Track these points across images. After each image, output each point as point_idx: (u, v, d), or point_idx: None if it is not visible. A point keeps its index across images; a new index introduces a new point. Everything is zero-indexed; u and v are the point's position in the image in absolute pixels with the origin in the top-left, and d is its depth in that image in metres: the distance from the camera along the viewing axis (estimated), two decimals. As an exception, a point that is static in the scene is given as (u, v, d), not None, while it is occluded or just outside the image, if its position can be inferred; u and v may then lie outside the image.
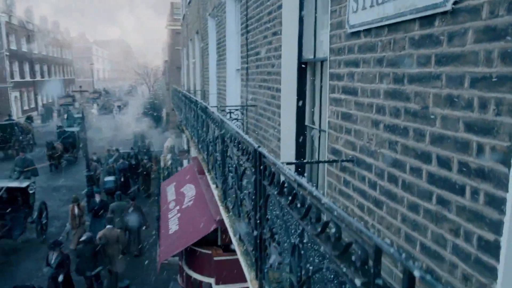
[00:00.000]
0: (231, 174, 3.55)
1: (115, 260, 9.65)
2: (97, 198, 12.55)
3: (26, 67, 46.72)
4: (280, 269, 2.19)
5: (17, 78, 43.76)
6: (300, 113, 4.04)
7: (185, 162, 14.28)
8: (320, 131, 3.76)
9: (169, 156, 19.23)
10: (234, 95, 7.09)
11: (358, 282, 1.16)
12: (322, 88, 3.75)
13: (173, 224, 6.42)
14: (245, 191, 2.91)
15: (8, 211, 12.54)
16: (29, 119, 32.88)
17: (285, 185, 1.87)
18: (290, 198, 1.79)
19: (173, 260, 11.62)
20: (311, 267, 1.65)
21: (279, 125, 4.13)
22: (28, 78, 46.90)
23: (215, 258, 5.49)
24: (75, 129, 24.57)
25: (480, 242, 1.49)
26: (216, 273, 5.54)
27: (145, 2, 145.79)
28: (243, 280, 5.53)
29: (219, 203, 4.17)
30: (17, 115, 40.22)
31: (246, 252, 3.08)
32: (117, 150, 19.40)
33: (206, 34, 9.84)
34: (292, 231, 1.91)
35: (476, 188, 1.51)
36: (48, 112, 42.75)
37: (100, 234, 9.68)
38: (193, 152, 12.37)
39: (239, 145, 2.92)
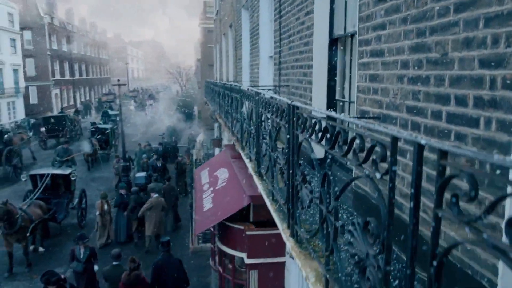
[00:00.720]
0: (265, 141, 3.80)
1: (160, 225, 11.76)
2: (122, 192, 12.57)
3: (66, 66, 48.79)
4: (310, 207, 2.41)
5: (57, 77, 45.79)
6: (331, 88, 4.25)
7: (217, 150, 14.65)
8: (350, 103, 3.95)
9: (199, 146, 19.88)
10: (267, 81, 7.35)
11: (378, 175, 1.38)
12: (352, 62, 3.94)
13: (207, 203, 6.74)
14: (278, 150, 3.14)
15: (52, 196, 13.41)
16: (77, 112, 36.09)
17: (317, 125, 2.10)
18: (320, 134, 2.02)
19: (205, 247, 12.10)
20: (337, 190, 1.87)
21: (311, 100, 4.34)
22: (67, 77, 48.96)
23: (247, 233, 5.75)
24: (108, 126, 25.32)
25: (493, 165, 1.67)
26: (248, 248, 5.80)
27: (177, 3, 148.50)
28: (274, 254, 5.80)
29: (253, 174, 4.42)
30: (57, 111, 42.03)
31: (279, 209, 3.32)
32: (149, 144, 20.24)
33: (240, 26, 10.14)
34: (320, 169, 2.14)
35: (489, 117, 1.68)
36: (86, 108, 44.50)
37: (148, 202, 11.60)
38: (225, 140, 12.74)
39: (274, 108, 3.16)
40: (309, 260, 2.44)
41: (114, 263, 8.01)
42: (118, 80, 16.28)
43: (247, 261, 5.82)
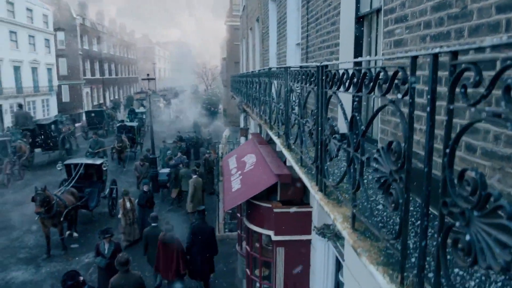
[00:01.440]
0: (293, 112, 4.02)
1: (200, 203, 12.77)
2: (145, 189, 12.22)
3: (96, 66, 50.28)
4: (338, 156, 2.60)
5: (88, 76, 47.28)
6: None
7: (243, 140, 14.94)
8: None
9: (225, 141, 20.30)
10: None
11: (399, 95, 1.58)
12: (377, 38, 4.10)
13: (235, 184, 6.98)
14: (308, 113, 3.35)
15: (85, 185, 14.12)
16: (114, 108, 39.83)
17: (344, 75, 2.30)
18: (348, 82, 2.23)
19: (231, 235, 12.41)
20: (363, 127, 2.06)
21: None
22: (97, 76, 50.44)
23: (275, 210, 5.96)
24: (135, 124, 25.50)
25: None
26: (275, 225, 6.00)
27: (203, 4, 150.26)
28: (300, 232, 5.98)
29: (282, 148, 4.63)
30: (87, 109, 43.41)
31: (307, 172, 3.53)
32: (174, 142, 20.58)
33: (267, 17, 10.38)
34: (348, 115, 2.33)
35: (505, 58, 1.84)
36: (116, 106, 45.83)
37: (190, 181, 12.86)
38: (252, 129, 13.01)
39: (303, 76, 3.38)
40: (336, 207, 2.64)
41: (153, 224, 9.43)
42: (148, 74, 16.75)
43: (274, 238, 6.02)
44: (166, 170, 15.91)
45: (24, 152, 19.22)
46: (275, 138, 5.18)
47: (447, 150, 1.24)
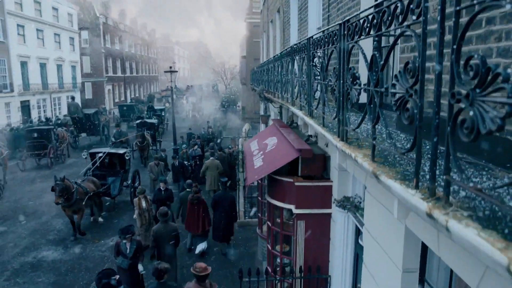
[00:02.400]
0: (316, 78, 4.25)
1: (215, 182, 13.68)
2: (162, 187, 11.22)
3: (118, 64, 51.33)
4: (359, 101, 2.83)
5: (110, 73, 48.31)
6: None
7: (263, 127, 15.18)
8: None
9: (245, 135, 20.55)
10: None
11: (413, 17, 1.81)
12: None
13: (257, 162, 7.23)
14: (330, 74, 3.58)
15: (108, 173, 14.60)
16: (143, 103, 41.35)
17: (365, 22, 2.53)
18: (368, 26, 2.46)
19: (251, 221, 12.67)
20: (381, 63, 2.29)
21: (358, 56, 4.74)
22: (119, 74, 51.48)
23: (296, 184, 6.18)
24: (154, 120, 25.51)
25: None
26: (297, 199, 6.22)
27: (223, 5, 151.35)
28: (320, 206, 6.19)
29: (305, 117, 4.86)
30: (109, 106, 44.43)
31: (329, 130, 3.76)
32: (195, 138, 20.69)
33: (288, 7, 10.62)
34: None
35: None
36: (151, 100, 46.97)
37: (204, 164, 13.79)
38: (273, 116, 13.24)
39: (325, 39, 3.61)
40: (357, 150, 2.86)
41: (187, 189, 10.83)
42: (170, 67, 17.15)
43: (295, 211, 6.24)
44: (184, 163, 15.86)
45: (65, 139, 22.19)
46: (297, 111, 5.41)
47: (454, 47, 1.47)
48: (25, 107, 31.59)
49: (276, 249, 7.05)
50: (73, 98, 35.52)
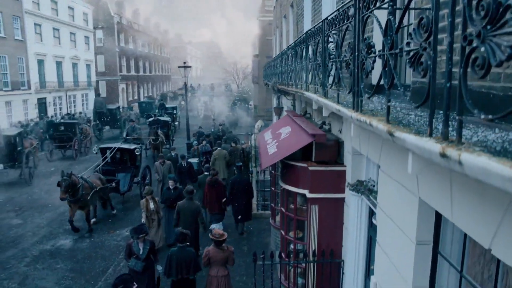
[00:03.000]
0: (331, 57, 4.34)
1: (225, 171, 14.02)
2: (171, 185, 10.41)
3: (132, 63, 51.92)
4: (374, 68, 2.92)
5: (124, 72, 48.88)
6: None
7: (275, 119, 15.29)
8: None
9: (257, 131, 20.71)
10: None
11: None
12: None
13: (271, 149, 7.34)
14: (344, 50, 3.67)
15: (118, 169, 14.46)
16: (162, 99, 42.99)
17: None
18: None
19: (264, 214, 12.79)
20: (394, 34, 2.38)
21: (372, 31, 4.81)
22: (132, 73, 52.06)
23: (310, 168, 6.26)
24: (167, 118, 25.01)
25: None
26: (311, 183, 6.31)
27: (235, 6, 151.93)
28: (334, 190, 6.27)
29: (320, 99, 4.95)
30: (122, 104, 44.97)
31: (344, 104, 3.85)
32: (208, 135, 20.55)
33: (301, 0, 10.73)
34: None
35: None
36: (163, 99, 47.60)
37: (213, 154, 14.16)
38: (285, 108, 13.34)
39: (340, 16, 3.70)
40: (371, 117, 2.95)
41: (205, 173, 11.59)
42: (185, 62, 17.33)
43: (309, 195, 6.32)
44: (195, 160, 15.34)
45: (88, 133, 23.71)
46: (312, 95, 5.50)
47: (467, -9, 1.56)
48: (42, 104, 32.20)
49: (289, 235, 7.15)
50: (98, 94, 39.30)
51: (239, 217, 11.14)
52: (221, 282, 6.87)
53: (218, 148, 14.38)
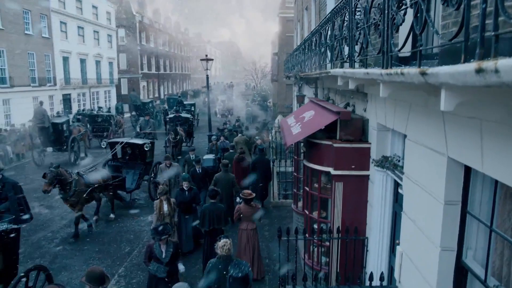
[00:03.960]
0: (358, 26, 4.43)
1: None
2: (185, 186, 9.24)
3: (152, 61, 52.68)
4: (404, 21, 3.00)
5: (145, 70, 49.66)
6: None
7: (297, 107, 15.38)
8: None
9: (277, 125, 20.79)
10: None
11: None
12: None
13: (295, 130, 7.44)
14: (372, 14, 3.75)
15: (126, 165, 13.54)
16: (184, 96, 44.12)
17: None
18: None
19: (284, 202, 12.89)
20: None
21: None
22: (153, 71, 52.82)
23: (335, 145, 6.33)
24: (188, 115, 24.24)
25: None
26: (335, 160, 6.37)
27: (254, 5, 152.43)
28: (358, 168, 6.33)
29: (347, 70, 5.01)
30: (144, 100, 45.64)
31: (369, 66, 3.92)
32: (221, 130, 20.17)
33: (325, -13, 10.79)
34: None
35: None
36: (196, 94, 48.28)
37: (234, 140, 14.61)
38: (307, 96, 13.41)
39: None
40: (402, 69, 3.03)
41: (231, 151, 13.08)
42: (206, 55, 17.55)
43: (334, 172, 6.39)
44: (211, 156, 14.18)
45: (122, 124, 25.66)
46: (338, 70, 5.57)
47: None
48: (66, 100, 33.04)
49: (313, 214, 7.23)
50: (133, 89, 43.41)
51: (257, 196, 11.56)
52: (250, 235, 7.91)
53: (239, 135, 15.17)
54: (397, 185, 5.81)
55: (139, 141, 14.06)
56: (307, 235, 7.34)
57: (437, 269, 3.81)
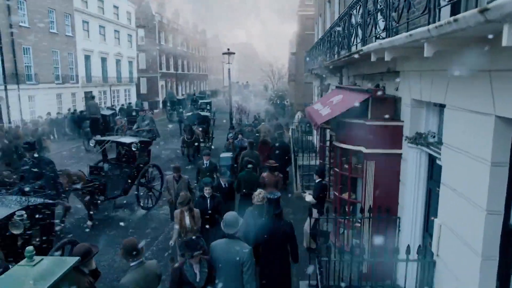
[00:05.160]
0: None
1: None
2: (207, 193, 7.68)
3: (171, 61, 53.19)
4: None
5: (163, 70, 50.17)
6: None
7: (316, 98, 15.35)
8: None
9: (297, 121, 20.86)
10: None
11: None
12: None
13: (324, 111, 7.41)
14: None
15: (113, 167, 11.73)
16: (202, 93, 45.62)
17: None
18: None
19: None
20: None
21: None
22: (171, 70, 53.33)
23: (368, 123, 6.28)
24: (208, 113, 23.23)
25: None
26: (367, 139, 6.30)
27: (271, 8, 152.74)
28: (391, 146, 6.26)
29: (384, 40, 4.97)
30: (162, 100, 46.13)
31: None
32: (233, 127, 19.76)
33: (350, -24, 10.74)
34: None
35: None
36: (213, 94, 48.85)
37: (258, 128, 15.29)
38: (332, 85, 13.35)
39: None
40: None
41: (257, 134, 14.47)
42: (228, 49, 17.62)
43: (366, 151, 6.33)
44: (229, 154, 13.20)
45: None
46: (373, 44, 5.53)
47: None
48: (88, 98, 33.60)
49: (342, 196, 7.17)
50: (171, 87, 49.47)
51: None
52: None
53: (263, 123, 15.72)
54: (431, 161, 5.74)
55: (126, 140, 11.76)
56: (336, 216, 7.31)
57: (483, 235, 3.74)
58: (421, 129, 5.86)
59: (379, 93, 6.20)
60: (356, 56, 6.82)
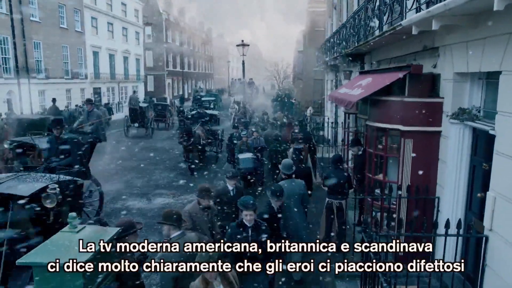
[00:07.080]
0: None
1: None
2: (247, 220, 5.07)
3: (177, 59, 53.16)
4: None
5: (170, 68, 50.14)
6: None
7: (345, 82, 15.22)
8: None
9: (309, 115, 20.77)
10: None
11: None
12: None
13: (355, 92, 7.22)
14: None
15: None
16: (220, 92, 45.42)
17: None
18: None
19: (327, 184, 12.68)
20: None
21: None
22: (178, 69, 53.29)
23: (405, 100, 6.10)
24: (216, 112, 21.06)
25: None
26: (404, 116, 6.10)
27: (276, 8, 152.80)
28: (429, 124, 6.07)
29: (431, 8, 4.80)
30: (169, 98, 46.07)
31: None
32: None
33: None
34: None
35: None
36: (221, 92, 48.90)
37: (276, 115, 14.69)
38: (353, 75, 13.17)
39: None
40: None
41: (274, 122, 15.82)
42: (242, 40, 17.48)
43: (403, 128, 6.13)
44: (249, 155, 11.22)
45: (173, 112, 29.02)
46: (420, 14, 5.35)
47: None
48: (97, 94, 33.55)
49: (376, 177, 6.98)
50: (196, 85, 51.53)
51: None
52: None
53: (279, 112, 16.40)
54: (476, 137, 5.55)
55: (34, 141, 8.70)
56: (369, 200, 7.13)
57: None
58: (465, 104, 5.68)
59: (418, 70, 6.01)
60: (387, 34, 6.65)
